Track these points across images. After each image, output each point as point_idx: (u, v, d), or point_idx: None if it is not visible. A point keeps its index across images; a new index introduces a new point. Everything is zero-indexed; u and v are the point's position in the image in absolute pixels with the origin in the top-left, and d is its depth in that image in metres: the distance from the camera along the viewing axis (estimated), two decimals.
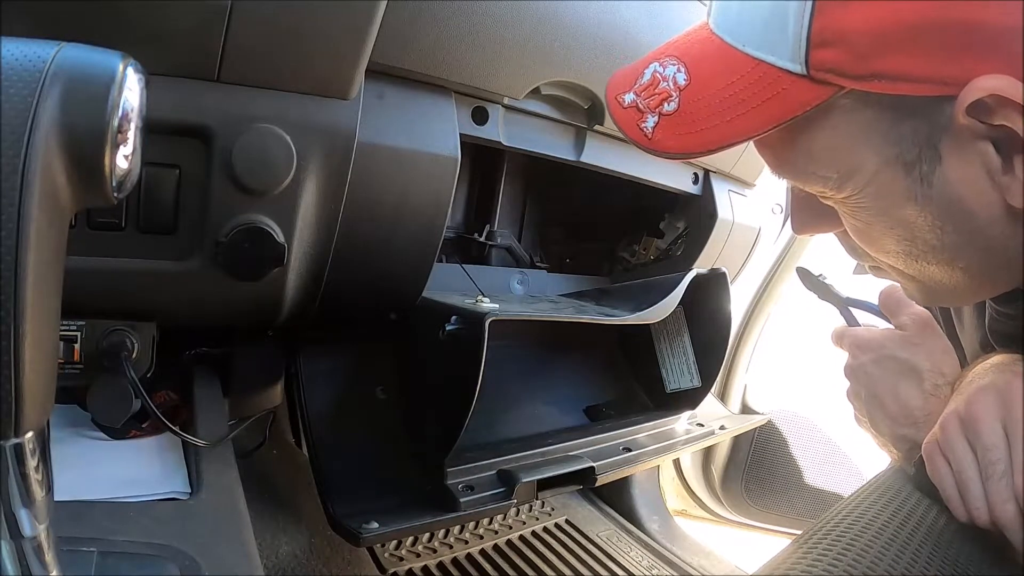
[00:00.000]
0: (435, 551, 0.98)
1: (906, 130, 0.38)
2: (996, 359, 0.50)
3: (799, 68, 0.38)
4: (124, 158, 0.29)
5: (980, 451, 0.44)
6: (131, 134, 0.29)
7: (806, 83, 0.38)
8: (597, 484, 0.83)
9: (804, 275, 0.74)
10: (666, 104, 0.43)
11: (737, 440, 1.39)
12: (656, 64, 0.44)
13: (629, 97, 0.45)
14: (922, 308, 0.61)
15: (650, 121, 0.44)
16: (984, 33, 0.35)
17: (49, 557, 0.32)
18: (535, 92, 0.76)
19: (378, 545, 0.94)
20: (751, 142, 0.43)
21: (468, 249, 1.07)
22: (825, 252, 1.30)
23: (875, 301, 0.66)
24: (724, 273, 1.02)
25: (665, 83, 0.43)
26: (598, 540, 1.12)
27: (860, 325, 0.66)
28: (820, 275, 0.72)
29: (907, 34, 0.35)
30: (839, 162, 0.41)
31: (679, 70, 0.43)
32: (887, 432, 0.58)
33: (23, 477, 0.30)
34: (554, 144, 0.84)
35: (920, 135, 0.38)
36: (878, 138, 0.39)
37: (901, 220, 0.42)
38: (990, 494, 0.43)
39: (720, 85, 0.41)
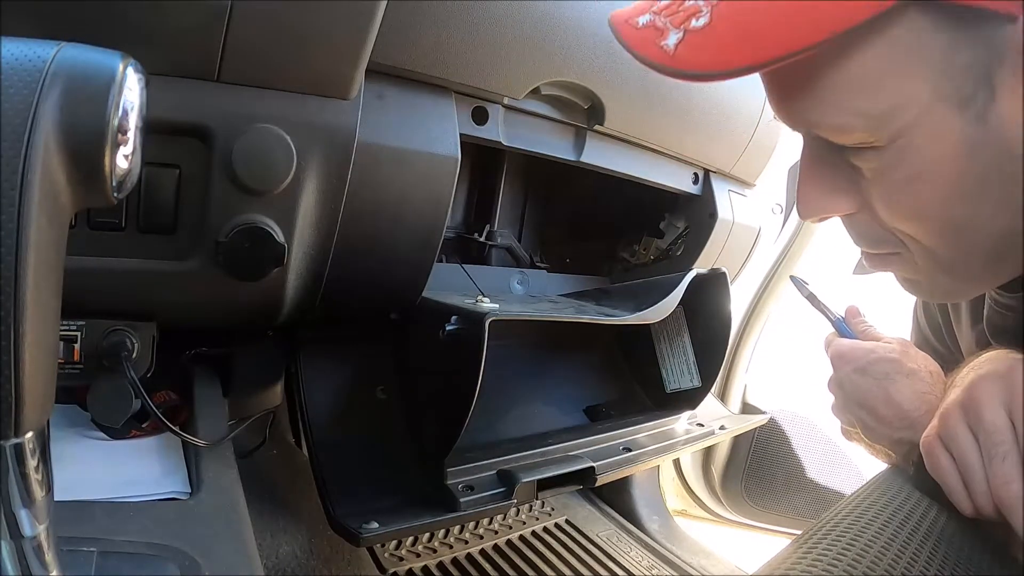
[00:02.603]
0: (435, 551, 0.98)
1: (964, 58, 0.35)
2: (993, 352, 0.50)
3: None
4: (124, 158, 0.29)
5: (983, 436, 0.43)
6: (131, 134, 0.29)
7: None
8: (597, 484, 0.83)
9: (797, 284, 0.75)
10: (694, 20, 0.37)
11: (737, 440, 1.39)
12: None
13: (645, 18, 0.39)
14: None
15: (672, 38, 0.37)
16: None
17: (49, 557, 0.32)
18: (535, 92, 0.76)
19: (378, 545, 0.94)
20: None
21: (468, 249, 1.07)
22: (822, 255, 1.30)
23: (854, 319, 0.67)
24: (724, 273, 1.02)
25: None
26: (598, 540, 1.12)
27: (851, 334, 0.66)
28: (806, 284, 0.73)
29: None
30: (889, 91, 0.37)
31: None
32: (884, 438, 0.58)
33: (23, 477, 0.30)
34: (554, 144, 0.84)
35: (978, 64, 0.35)
36: (935, 65, 0.36)
37: (950, 171, 0.38)
38: (992, 476, 0.42)
39: None
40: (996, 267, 0.44)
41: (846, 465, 1.32)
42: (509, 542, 1.04)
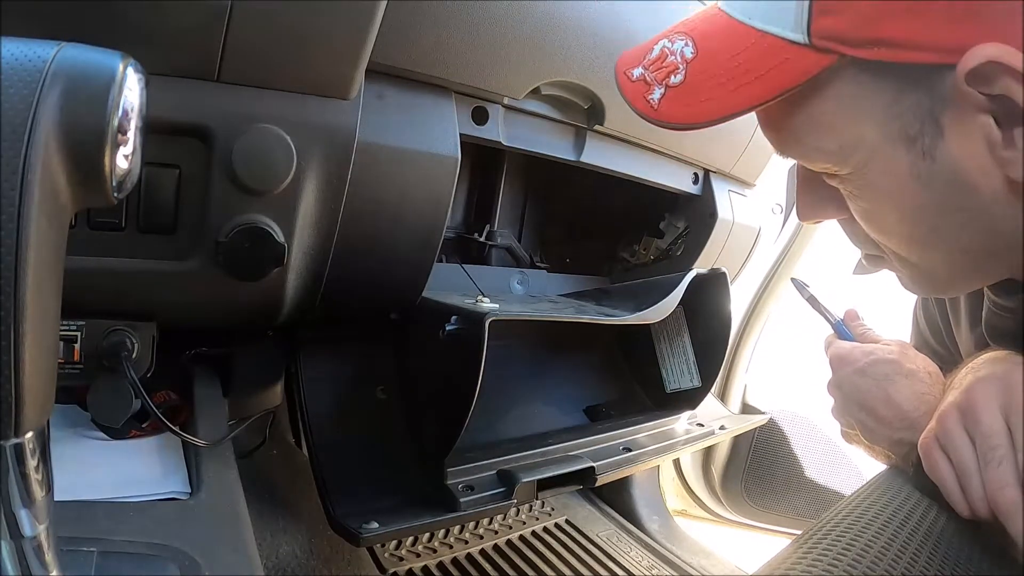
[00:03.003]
0: (435, 551, 0.98)
1: (908, 102, 0.39)
2: (991, 354, 0.50)
3: (801, 37, 0.39)
4: (124, 158, 0.29)
5: (979, 440, 0.43)
6: (131, 134, 0.29)
7: (808, 52, 0.39)
8: (597, 484, 0.83)
9: (797, 286, 0.75)
10: (673, 76, 0.44)
11: (737, 440, 1.39)
12: (665, 40, 0.46)
13: (637, 71, 0.47)
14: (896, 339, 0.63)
15: (656, 93, 0.45)
16: (987, 1, 0.35)
17: (49, 557, 0.32)
18: (535, 92, 0.76)
19: (378, 545, 0.94)
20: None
21: (468, 249, 1.07)
22: (822, 255, 1.30)
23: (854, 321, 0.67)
24: (724, 273, 1.02)
25: (673, 56, 0.44)
26: (598, 540, 1.12)
27: (850, 336, 0.66)
28: (807, 286, 0.74)
29: (908, 1, 0.36)
30: (841, 134, 0.42)
31: (687, 44, 0.44)
32: (884, 439, 0.58)
33: (23, 477, 0.30)
34: (554, 144, 0.84)
35: (922, 107, 0.39)
36: (879, 110, 0.40)
37: (905, 199, 0.42)
38: (988, 481, 0.42)
39: (725, 57, 0.42)
40: (975, 274, 0.47)
41: (846, 465, 1.32)
42: (509, 542, 1.04)
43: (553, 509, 1.17)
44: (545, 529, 1.10)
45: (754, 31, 0.41)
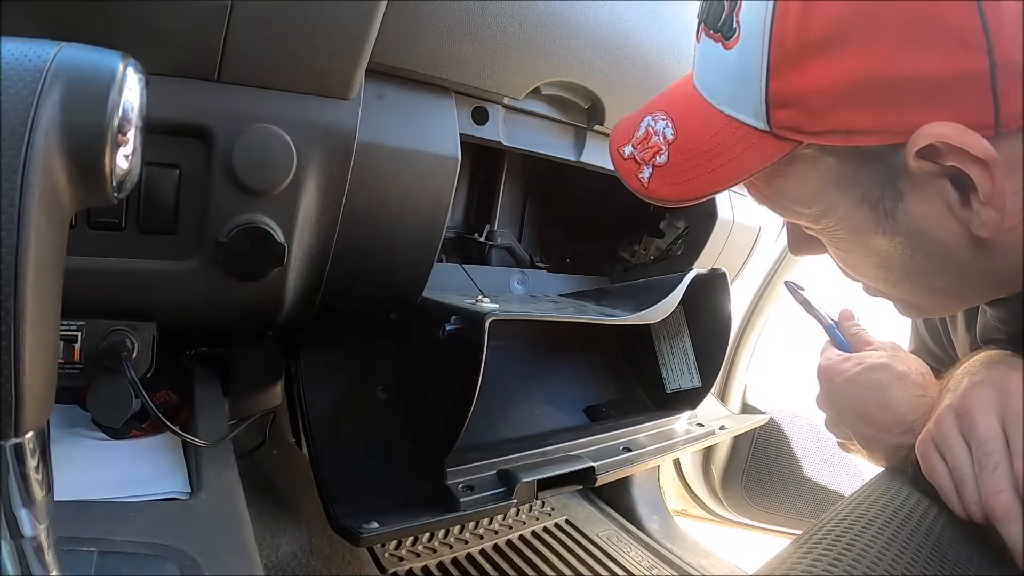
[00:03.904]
0: (435, 551, 0.98)
1: (867, 174, 0.42)
2: (986, 355, 0.50)
3: (763, 125, 0.41)
4: (124, 158, 0.29)
5: (975, 445, 0.44)
6: (131, 134, 0.29)
7: (770, 139, 0.42)
8: (597, 484, 0.83)
9: (791, 290, 0.75)
10: (658, 157, 0.48)
11: (737, 440, 1.39)
12: (649, 118, 0.49)
13: (628, 150, 0.51)
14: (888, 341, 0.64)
15: (645, 172, 0.48)
16: (926, 84, 0.37)
17: (49, 557, 0.32)
18: (535, 92, 0.76)
19: (378, 545, 0.94)
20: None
21: (468, 249, 1.07)
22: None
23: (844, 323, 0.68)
24: (724, 273, 1.02)
25: (656, 137, 0.48)
26: (598, 540, 1.12)
27: (843, 339, 0.65)
28: (801, 289, 0.74)
29: (855, 91, 0.38)
30: (811, 203, 0.45)
31: (667, 125, 0.48)
32: (882, 446, 0.57)
33: (23, 477, 0.30)
34: (554, 144, 0.84)
35: (880, 177, 0.41)
36: (843, 182, 0.42)
37: (875, 250, 0.45)
38: (982, 486, 0.43)
39: (701, 139, 0.45)
40: (960, 302, 0.51)
41: (846, 465, 1.32)
42: (509, 542, 1.04)
43: (553, 509, 1.17)
44: (545, 529, 1.10)
45: (723, 115, 0.44)
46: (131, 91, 0.29)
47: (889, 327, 0.67)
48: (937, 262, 0.44)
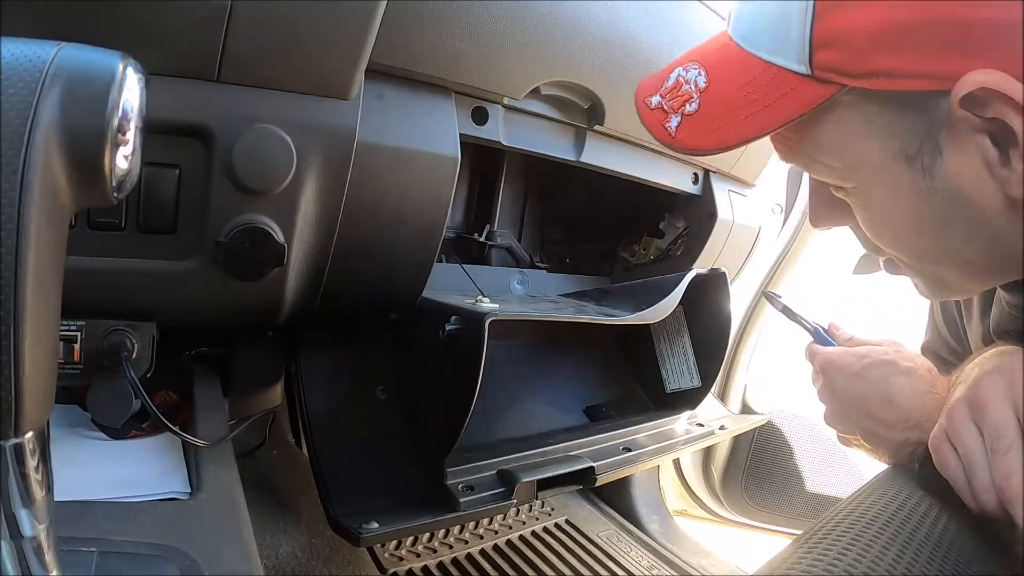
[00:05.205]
0: (435, 551, 0.98)
1: (907, 124, 0.40)
2: (998, 348, 0.50)
3: (804, 69, 0.41)
4: (124, 158, 0.29)
5: (987, 431, 0.44)
6: (131, 134, 0.29)
7: (811, 83, 0.41)
8: (597, 484, 0.83)
9: (770, 299, 0.76)
10: (688, 105, 0.46)
11: (737, 440, 1.39)
12: (680, 69, 0.48)
13: (655, 99, 0.49)
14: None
15: (673, 121, 0.47)
16: (977, 29, 0.36)
17: (49, 557, 0.32)
18: (535, 92, 0.76)
19: (378, 545, 0.94)
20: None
21: (468, 249, 1.07)
22: (821, 255, 1.30)
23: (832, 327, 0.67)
24: (724, 273, 1.02)
25: (687, 86, 0.47)
26: (598, 540, 1.11)
27: (831, 342, 0.65)
28: (779, 297, 0.74)
29: (902, 33, 0.37)
30: (845, 154, 0.44)
31: (699, 74, 0.47)
32: (888, 442, 0.57)
33: (23, 477, 0.30)
34: (554, 144, 0.84)
35: (920, 128, 0.40)
36: (881, 132, 0.41)
37: (907, 212, 0.44)
38: (995, 471, 0.43)
39: (736, 86, 0.44)
40: (985, 279, 0.49)
41: (846, 465, 1.32)
42: (509, 542, 1.04)
43: (553, 509, 1.17)
44: (545, 529, 1.10)
45: (761, 61, 0.43)
46: (131, 91, 0.29)
47: (876, 332, 0.67)
48: (970, 227, 0.42)
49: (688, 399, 1.07)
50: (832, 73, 0.40)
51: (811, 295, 1.30)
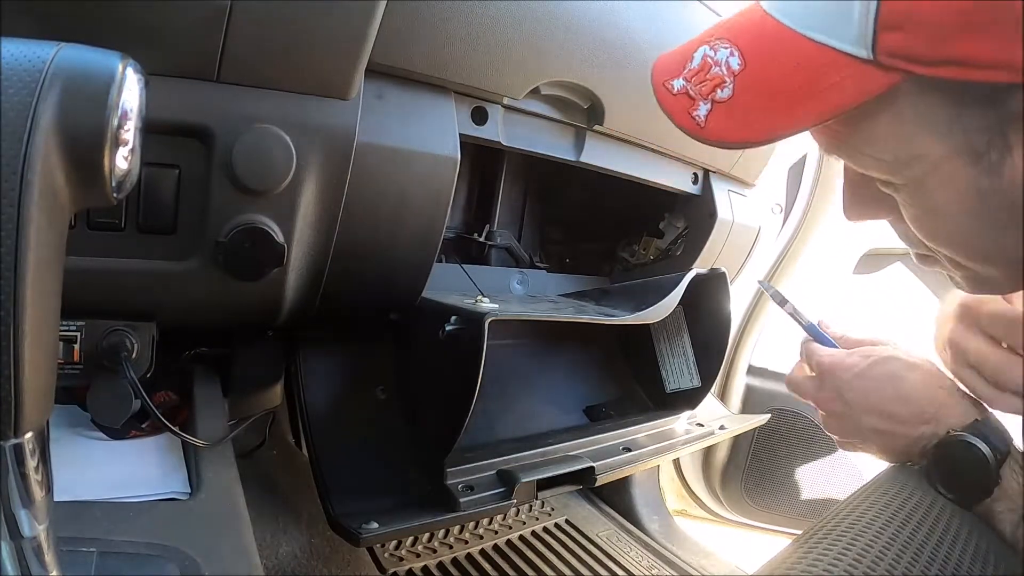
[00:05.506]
0: (435, 551, 0.98)
1: (972, 119, 0.36)
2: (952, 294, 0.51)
3: (865, 53, 0.35)
4: (124, 158, 0.29)
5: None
6: (131, 134, 0.30)
7: (872, 69, 0.36)
8: (597, 484, 0.83)
9: (765, 287, 0.75)
10: (719, 91, 0.40)
11: (737, 440, 1.39)
12: (707, 47, 0.42)
13: (679, 83, 0.43)
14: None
15: (702, 109, 0.41)
16: None
17: (49, 557, 0.32)
18: (535, 92, 0.76)
19: (378, 545, 0.94)
20: None
21: (468, 249, 1.07)
22: (818, 254, 1.30)
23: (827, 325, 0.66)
24: (724, 273, 1.02)
25: (717, 68, 0.41)
26: (598, 540, 1.12)
27: (824, 336, 0.64)
28: (770, 288, 0.74)
29: (984, 15, 0.33)
30: (900, 148, 0.39)
31: (732, 54, 0.40)
32: (901, 440, 0.55)
33: (23, 477, 0.30)
34: (554, 144, 0.84)
35: (988, 123, 0.36)
36: (943, 126, 0.37)
37: (962, 211, 0.40)
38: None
39: (778, 71, 0.38)
40: None
41: (846, 465, 1.32)
42: (509, 542, 1.04)
43: (553, 509, 1.17)
44: (545, 529, 1.10)
45: (811, 43, 0.37)
46: (130, 91, 0.29)
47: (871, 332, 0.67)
48: None
49: (688, 399, 1.07)
50: (898, 59, 0.35)
51: (811, 295, 1.30)
